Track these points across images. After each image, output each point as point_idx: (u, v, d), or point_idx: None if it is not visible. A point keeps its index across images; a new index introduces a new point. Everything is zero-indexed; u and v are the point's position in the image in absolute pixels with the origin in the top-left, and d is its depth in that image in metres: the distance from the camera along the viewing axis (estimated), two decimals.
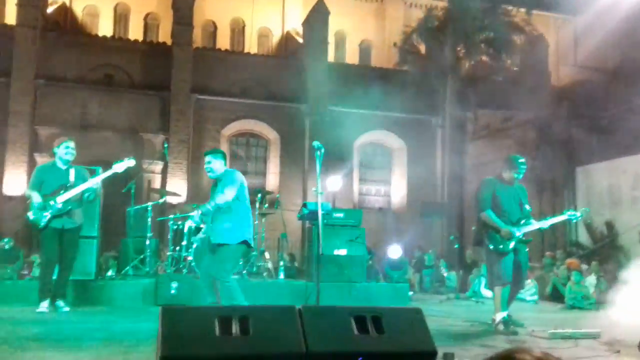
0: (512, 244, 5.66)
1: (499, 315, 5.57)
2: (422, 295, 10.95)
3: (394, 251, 12.04)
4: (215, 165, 5.35)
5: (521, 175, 5.93)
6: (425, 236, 17.44)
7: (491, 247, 5.73)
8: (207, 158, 5.40)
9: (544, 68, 22.19)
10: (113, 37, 21.53)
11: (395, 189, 21.70)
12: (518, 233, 5.71)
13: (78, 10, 23.12)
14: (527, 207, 5.95)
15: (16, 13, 18.59)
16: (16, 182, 17.36)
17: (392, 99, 19.19)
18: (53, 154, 6.33)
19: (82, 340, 4.27)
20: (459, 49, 19.67)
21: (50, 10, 21.09)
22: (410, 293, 9.04)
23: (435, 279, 12.97)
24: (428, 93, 19.24)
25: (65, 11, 22.59)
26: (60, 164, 6.19)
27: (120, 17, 23.70)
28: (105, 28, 22.80)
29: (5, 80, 17.86)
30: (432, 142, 21.07)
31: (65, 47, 19.08)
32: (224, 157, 5.50)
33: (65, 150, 6.15)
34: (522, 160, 5.97)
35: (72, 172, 6.14)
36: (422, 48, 21.30)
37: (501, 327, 5.49)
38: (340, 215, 7.88)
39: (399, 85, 19.10)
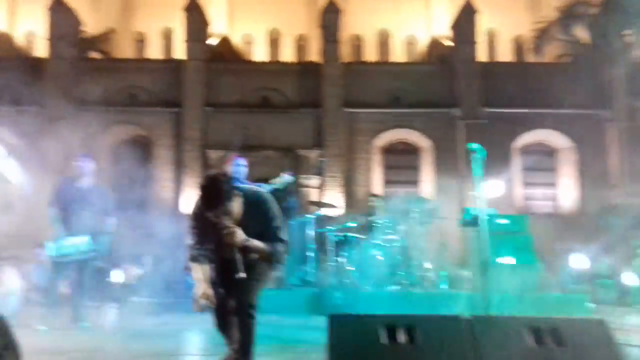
0: None
1: None
2: (604, 308, 9.90)
3: (578, 260, 11.15)
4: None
5: None
6: (603, 242, 15.88)
7: None
8: None
9: None
10: (268, 61, 22.96)
11: (564, 192, 20.08)
12: None
13: (237, 39, 25.01)
14: None
15: (186, 48, 20.60)
16: (192, 201, 19.12)
17: (553, 95, 17.91)
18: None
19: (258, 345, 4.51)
20: (626, 33, 17.96)
21: (212, 41, 23.09)
22: (593, 305, 8.21)
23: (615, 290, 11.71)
24: (594, 85, 17.70)
25: (225, 42, 24.59)
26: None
27: (273, 42, 25.17)
28: (260, 53, 24.38)
29: (178, 110, 19.85)
30: (602, 138, 19.22)
31: (228, 75, 20.70)
32: None
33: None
34: None
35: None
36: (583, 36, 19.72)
37: None
38: (505, 221, 7.46)
39: (560, 79, 17.83)
